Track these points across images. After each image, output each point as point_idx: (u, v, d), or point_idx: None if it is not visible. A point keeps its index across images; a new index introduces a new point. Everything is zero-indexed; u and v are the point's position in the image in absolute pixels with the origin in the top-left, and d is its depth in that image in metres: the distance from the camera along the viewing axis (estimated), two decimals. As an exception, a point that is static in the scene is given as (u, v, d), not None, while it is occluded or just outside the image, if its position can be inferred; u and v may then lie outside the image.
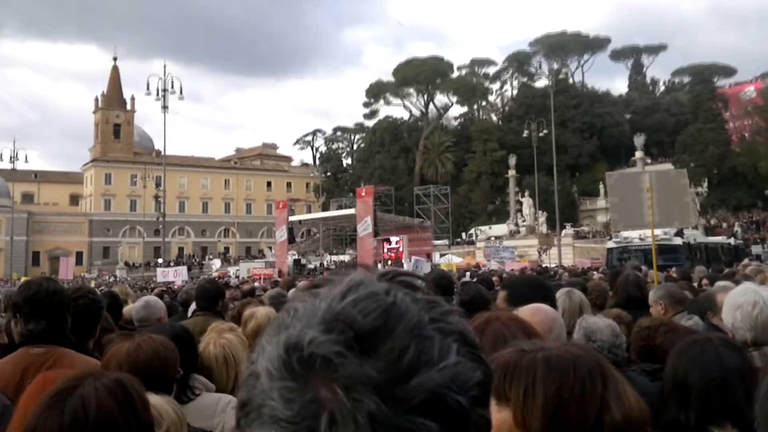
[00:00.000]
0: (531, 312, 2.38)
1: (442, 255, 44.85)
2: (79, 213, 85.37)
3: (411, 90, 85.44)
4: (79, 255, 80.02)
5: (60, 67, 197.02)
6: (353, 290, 0.59)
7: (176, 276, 27.26)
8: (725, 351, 2.09)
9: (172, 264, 54.82)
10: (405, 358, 0.54)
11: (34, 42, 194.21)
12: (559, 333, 2.44)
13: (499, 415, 1.35)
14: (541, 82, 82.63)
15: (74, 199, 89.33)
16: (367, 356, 0.54)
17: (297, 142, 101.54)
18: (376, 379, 0.53)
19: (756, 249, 30.97)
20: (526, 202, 56.62)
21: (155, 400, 1.94)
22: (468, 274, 20.14)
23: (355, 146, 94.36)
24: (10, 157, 54.15)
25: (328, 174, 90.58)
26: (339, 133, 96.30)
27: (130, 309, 5.59)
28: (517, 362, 1.44)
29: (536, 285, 3.44)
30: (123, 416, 1.58)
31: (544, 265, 29.11)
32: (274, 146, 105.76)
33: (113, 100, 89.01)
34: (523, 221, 56.97)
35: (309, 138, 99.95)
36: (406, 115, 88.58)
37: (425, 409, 0.53)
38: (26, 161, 57.14)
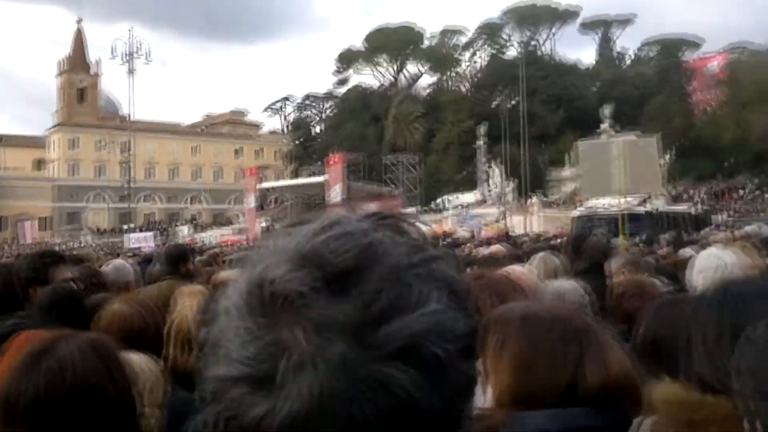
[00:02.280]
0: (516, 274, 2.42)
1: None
2: (45, 178, 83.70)
3: (382, 58, 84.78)
4: (44, 221, 78.74)
5: (24, 28, 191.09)
6: (328, 228, 0.55)
7: (147, 241, 27.04)
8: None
9: (141, 230, 54.29)
10: (378, 303, 0.50)
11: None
12: (541, 296, 2.50)
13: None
14: (511, 53, 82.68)
15: (38, 164, 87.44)
16: (337, 298, 0.50)
17: (266, 109, 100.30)
18: (344, 323, 0.49)
19: (716, 219, 31.83)
20: (496, 170, 56.94)
21: (132, 358, 1.92)
22: (440, 241, 20.23)
23: (325, 114, 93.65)
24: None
25: (299, 142, 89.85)
26: (309, 101, 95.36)
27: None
28: (498, 317, 1.48)
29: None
30: (101, 376, 1.56)
31: (511, 233, 29.38)
32: (243, 113, 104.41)
33: (77, 64, 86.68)
34: (495, 188, 57.23)
35: (279, 105, 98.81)
36: (376, 84, 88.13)
37: (398, 357, 0.49)
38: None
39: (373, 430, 0.48)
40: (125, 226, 64.05)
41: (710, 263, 3.27)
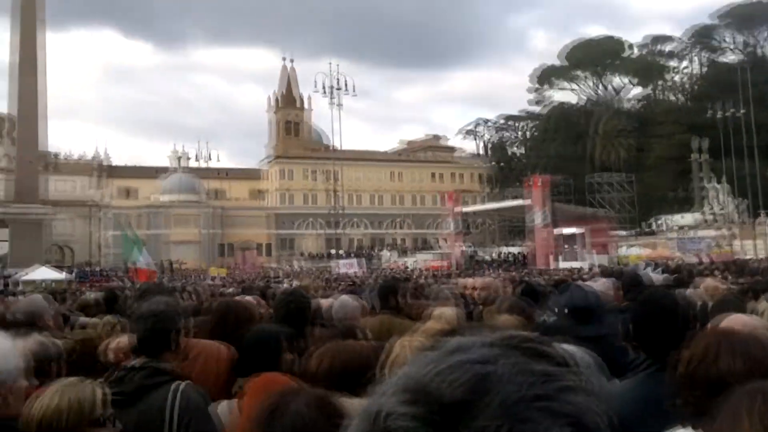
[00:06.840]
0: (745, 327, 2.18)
1: (629, 246, 42.13)
2: (262, 207, 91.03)
3: (582, 73, 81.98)
4: (266, 247, 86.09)
5: (239, 70, 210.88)
6: (447, 356, 0.52)
7: (353, 267, 27.85)
8: None
9: (352, 255, 56.98)
10: None
11: (216, 48, 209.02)
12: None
13: None
14: (726, 57, 75.88)
15: (253, 194, 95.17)
16: None
17: (460, 132, 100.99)
18: None
19: None
20: (721, 188, 51.71)
21: (355, 404, 1.89)
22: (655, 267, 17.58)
23: (523, 134, 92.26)
24: (196, 156, 58.86)
25: (497, 164, 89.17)
26: (506, 122, 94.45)
27: (325, 304, 5.88)
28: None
29: None
30: (328, 430, 1.66)
31: (746, 257, 26.15)
32: (440, 137, 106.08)
33: (287, 100, 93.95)
34: (721, 209, 51.81)
35: (472, 128, 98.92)
36: (574, 100, 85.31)
37: None
38: (218, 160, 62.09)
39: None
40: (332, 251, 67.37)
41: None
